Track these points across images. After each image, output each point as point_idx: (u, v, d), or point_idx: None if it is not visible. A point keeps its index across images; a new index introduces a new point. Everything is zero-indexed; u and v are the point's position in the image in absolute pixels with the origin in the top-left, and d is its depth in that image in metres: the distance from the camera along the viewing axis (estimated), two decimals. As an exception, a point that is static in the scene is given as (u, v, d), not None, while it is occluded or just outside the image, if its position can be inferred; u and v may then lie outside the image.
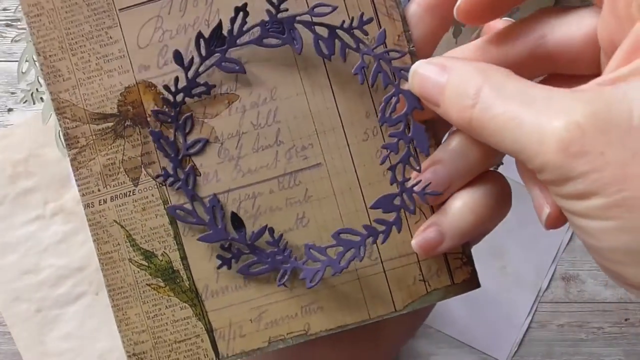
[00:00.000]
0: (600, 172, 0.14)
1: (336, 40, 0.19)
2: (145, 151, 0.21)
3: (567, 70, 0.19)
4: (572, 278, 0.70)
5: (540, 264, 0.62)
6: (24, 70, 0.36)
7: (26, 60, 0.36)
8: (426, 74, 0.18)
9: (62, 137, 0.21)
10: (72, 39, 0.21)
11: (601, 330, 0.61)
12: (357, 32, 0.19)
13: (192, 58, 0.19)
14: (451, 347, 0.65)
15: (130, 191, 0.21)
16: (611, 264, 0.15)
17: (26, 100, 0.35)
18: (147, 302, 0.21)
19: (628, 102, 0.14)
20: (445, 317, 0.65)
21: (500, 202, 0.19)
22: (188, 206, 0.20)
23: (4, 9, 0.45)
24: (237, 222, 0.20)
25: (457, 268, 0.21)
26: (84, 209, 0.21)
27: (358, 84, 0.20)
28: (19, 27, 0.43)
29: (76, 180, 0.21)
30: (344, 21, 0.19)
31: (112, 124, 0.21)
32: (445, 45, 0.68)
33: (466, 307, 0.62)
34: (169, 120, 0.20)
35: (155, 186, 0.21)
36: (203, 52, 0.19)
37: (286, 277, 0.20)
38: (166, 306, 0.21)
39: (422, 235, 0.20)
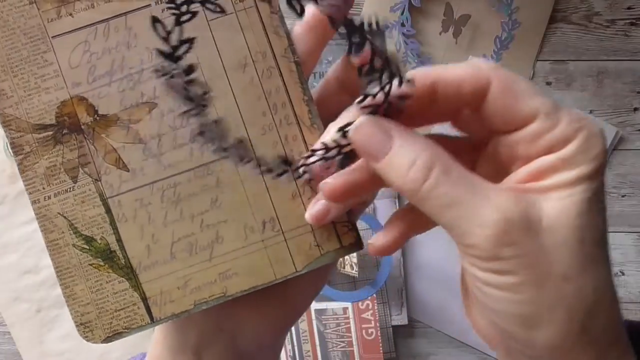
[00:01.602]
0: (520, 258, 0.19)
1: None
2: (81, 154, 0.25)
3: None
4: (572, 278, 0.76)
5: (540, 264, 0.66)
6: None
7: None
8: (373, 132, 0.21)
9: (9, 146, 0.25)
10: (12, 63, 0.25)
11: (600, 329, 0.65)
12: None
13: None
14: (451, 347, 0.68)
15: (70, 187, 0.25)
16: (498, 319, 0.20)
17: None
18: (90, 279, 0.25)
19: (538, 210, 0.20)
20: (445, 317, 0.68)
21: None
22: None
23: None
24: None
25: (344, 234, 0.26)
26: (32, 205, 0.25)
27: (255, 90, 0.25)
28: None
29: (23, 181, 0.25)
30: None
31: (51, 132, 0.25)
32: (446, 45, 0.74)
33: (466, 307, 0.66)
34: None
35: (92, 182, 0.25)
36: None
37: None
38: (106, 281, 0.25)
39: (313, 208, 0.25)
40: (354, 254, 0.64)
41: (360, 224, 0.65)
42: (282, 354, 0.68)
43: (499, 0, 0.72)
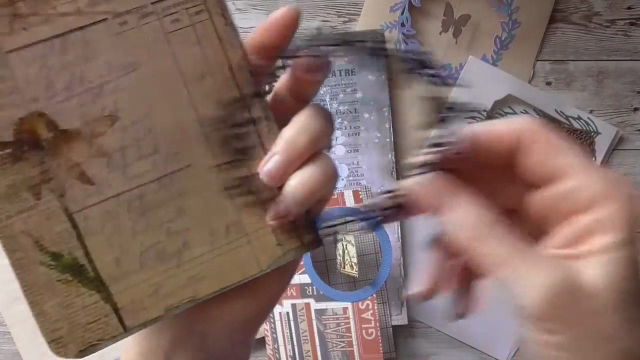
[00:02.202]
0: (566, 319, 0.21)
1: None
2: (43, 170, 0.25)
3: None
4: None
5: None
6: None
7: None
8: (440, 190, 0.24)
9: (-35, 165, 0.24)
10: None
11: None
12: None
13: None
14: (451, 347, 0.68)
15: (34, 204, 0.25)
16: None
17: None
18: (59, 295, 0.25)
19: (580, 275, 0.22)
20: (445, 317, 0.69)
21: (327, 175, 0.26)
22: None
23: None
24: None
25: (304, 233, 0.27)
26: (-6, 224, 0.24)
27: (214, 104, 0.26)
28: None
29: (-17, 201, 0.24)
30: None
31: (10, 150, 0.24)
32: (446, 45, 0.74)
33: (466, 307, 0.67)
34: None
35: (56, 198, 0.25)
36: None
37: None
38: (76, 295, 0.25)
39: (273, 210, 0.26)
40: (354, 254, 0.65)
41: (365, 233, 0.66)
42: (282, 354, 0.68)
43: (499, 0, 0.72)
